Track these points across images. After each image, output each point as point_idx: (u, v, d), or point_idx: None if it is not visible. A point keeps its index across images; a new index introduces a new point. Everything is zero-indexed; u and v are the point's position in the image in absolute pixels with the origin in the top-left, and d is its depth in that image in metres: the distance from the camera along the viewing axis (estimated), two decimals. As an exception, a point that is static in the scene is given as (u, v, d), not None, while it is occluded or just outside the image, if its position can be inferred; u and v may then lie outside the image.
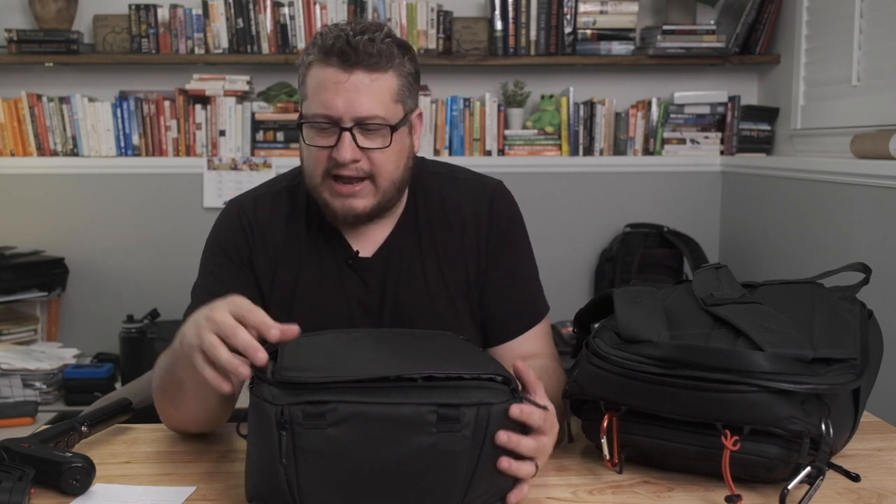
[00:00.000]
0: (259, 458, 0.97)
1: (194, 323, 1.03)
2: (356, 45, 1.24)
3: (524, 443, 0.99)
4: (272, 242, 1.37)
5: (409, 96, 1.31)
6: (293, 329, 1.01)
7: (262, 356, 0.97)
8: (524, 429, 1.00)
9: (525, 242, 1.45)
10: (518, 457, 0.99)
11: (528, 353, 1.40)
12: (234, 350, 0.99)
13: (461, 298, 1.39)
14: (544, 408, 1.02)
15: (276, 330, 0.99)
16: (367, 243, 1.37)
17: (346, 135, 1.25)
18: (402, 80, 1.29)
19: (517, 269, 1.43)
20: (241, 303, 1.03)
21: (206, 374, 1.00)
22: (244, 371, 0.98)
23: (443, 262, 1.39)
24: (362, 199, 1.30)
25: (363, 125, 1.26)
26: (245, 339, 0.98)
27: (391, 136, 1.27)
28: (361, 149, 1.26)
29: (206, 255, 1.41)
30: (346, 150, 1.25)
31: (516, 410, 0.97)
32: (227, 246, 1.38)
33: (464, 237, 1.39)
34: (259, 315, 1.00)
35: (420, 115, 1.37)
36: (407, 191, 1.39)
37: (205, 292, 1.33)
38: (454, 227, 1.40)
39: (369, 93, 1.25)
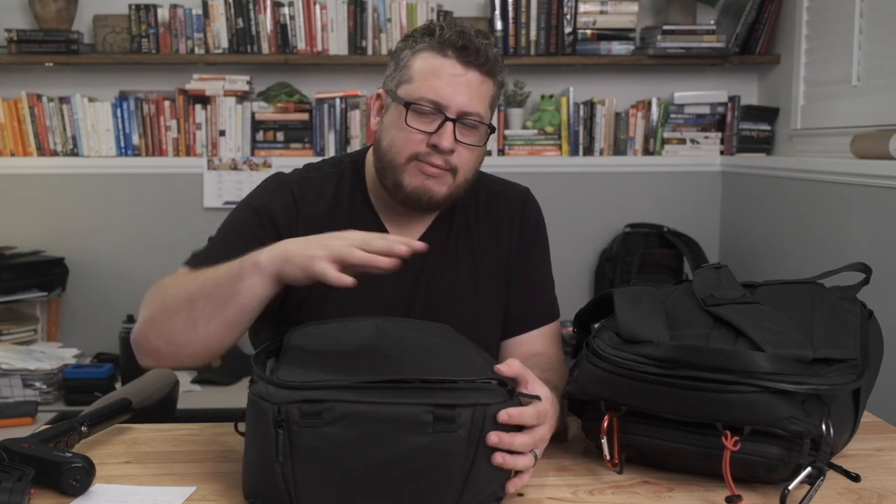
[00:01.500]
0: (256, 456, 0.98)
1: (310, 243, 1.12)
2: (478, 47, 1.31)
3: (518, 440, 0.99)
4: (314, 224, 1.36)
5: (494, 107, 1.39)
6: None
7: (402, 248, 1.08)
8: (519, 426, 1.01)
9: (547, 250, 1.53)
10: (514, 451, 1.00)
11: (536, 351, 1.43)
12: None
13: (491, 293, 1.44)
14: (537, 397, 1.03)
15: (403, 247, 1.08)
16: (405, 234, 1.41)
17: (450, 124, 1.31)
18: (497, 91, 1.37)
19: (536, 271, 1.50)
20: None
21: (330, 275, 1.07)
22: (385, 262, 1.08)
23: (476, 258, 1.45)
24: (441, 186, 1.34)
25: (463, 120, 1.31)
26: (381, 244, 1.08)
27: (486, 136, 1.35)
28: (457, 142, 1.32)
29: (237, 213, 1.41)
30: (448, 139, 1.30)
31: (504, 416, 0.98)
32: (266, 216, 1.37)
33: (498, 235, 1.46)
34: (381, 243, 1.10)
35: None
36: None
37: (220, 240, 1.36)
38: (488, 224, 1.47)
39: (478, 92, 1.32)
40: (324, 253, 1.09)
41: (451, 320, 1.23)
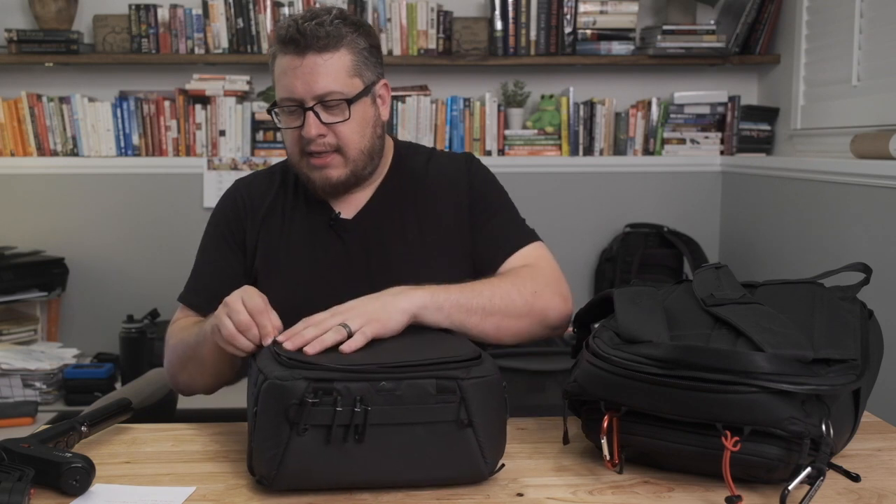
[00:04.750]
0: (269, 436, 1.01)
1: (216, 315, 1.23)
2: (304, 31, 1.36)
3: (308, 333, 1.12)
4: (261, 212, 1.51)
5: (366, 69, 1.43)
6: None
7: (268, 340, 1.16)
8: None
9: (504, 195, 1.56)
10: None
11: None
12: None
13: (445, 255, 1.48)
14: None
15: (269, 339, 1.15)
16: (349, 207, 1.50)
17: (310, 114, 1.39)
18: (356, 56, 1.41)
19: (497, 211, 1.52)
20: (253, 295, 1.20)
21: (228, 348, 1.20)
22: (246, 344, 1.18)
23: (422, 219, 1.49)
24: (335, 170, 1.43)
25: (324, 102, 1.38)
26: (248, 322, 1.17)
27: (349, 108, 1.39)
28: (326, 124, 1.39)
29: (206, 228, 1.56)
30: (311, 127, 1.39)
31: (283, 338, 1.13)
32: (221, 221, 1.54)
33: (443, 195, 1.50)
34: (263, 318, 1.18)
35: (385, 85, 1.49)
36: (391, 159, 1.54)
37: (197, 266, 1.54)
38: (433, 187, 1.51)
39: (324, 72, 1.37)
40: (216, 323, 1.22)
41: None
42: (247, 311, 1.17)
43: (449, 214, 1.49)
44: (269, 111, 1.44)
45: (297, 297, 1.39)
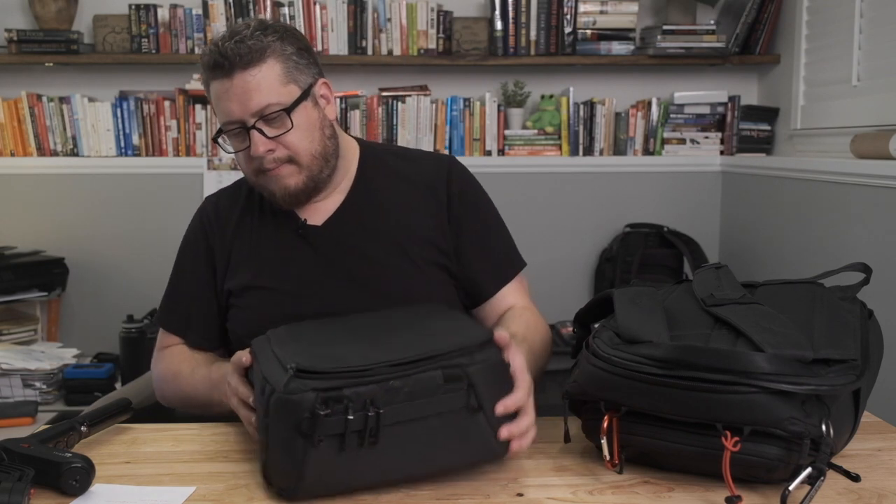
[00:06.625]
0: (283, 450, 1.00)
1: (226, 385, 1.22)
2: (225, 52, 1.34)
3: (524, 423, 1.08)
4: (230, 228, 1.50)
5: (300, 73, 1.41)
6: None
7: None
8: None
9: (489, 206, 1.55)
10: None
11: (508, 306, 1.49)
12: None
13: (422, 258, 1.45)
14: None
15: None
16: (317, 215, 1.47)
17: (254, 132, 1.36)
18: (285, 63, 1.38)
19: (485, 231, 1.51)
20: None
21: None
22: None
23: (395, 222, 1.47)
24: (291, 178, 1.40)
25: (264, 117, 1.36)
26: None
27: (289, 118, 1.36)
28: (272, 138, 1.37)
29: (178, 254, 1.57)
30: (258, 146, 1.36)
31: (501, 408, 1.06)
32: (191, 240, 1.54)
33: (419, 197, 1.48)
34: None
35: (325, 84, 1.47)
36: (357, 164, 1.51)
37: (170, 285, 1.56)
38: (407, 190, 1.49)
39: (255, 87, 1.34)
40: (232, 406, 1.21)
41: (380, 295, 1.28)
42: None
43: (426, 217, 1.47)
44: (214, 140, 1.42)
45: (275, 308, 1.40)
